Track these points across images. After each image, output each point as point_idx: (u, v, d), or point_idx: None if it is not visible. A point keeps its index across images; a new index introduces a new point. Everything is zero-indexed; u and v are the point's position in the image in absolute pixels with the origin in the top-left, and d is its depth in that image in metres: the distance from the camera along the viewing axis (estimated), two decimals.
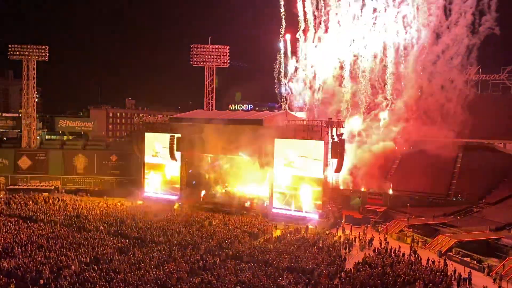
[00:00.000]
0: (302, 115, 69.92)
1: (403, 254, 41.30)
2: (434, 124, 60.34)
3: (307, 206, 54.84)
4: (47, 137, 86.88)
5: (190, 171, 66.35)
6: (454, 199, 59.03)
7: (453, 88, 60.38)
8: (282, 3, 71.42)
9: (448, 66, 61.69)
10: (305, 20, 70.18)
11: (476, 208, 54.95)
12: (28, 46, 75.63)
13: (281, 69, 73.80)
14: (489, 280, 36.70)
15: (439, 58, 61.76)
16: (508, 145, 68.22)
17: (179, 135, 64.57)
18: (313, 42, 70.15)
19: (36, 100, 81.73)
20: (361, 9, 65.96)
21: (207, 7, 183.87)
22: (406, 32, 63.76)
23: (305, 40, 70.73)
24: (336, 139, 54.06)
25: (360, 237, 47.53)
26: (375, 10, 65.10)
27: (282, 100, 74.66)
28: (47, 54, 76.32)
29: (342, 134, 54.20)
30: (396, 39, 64.49)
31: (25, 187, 70.68)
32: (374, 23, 65.41)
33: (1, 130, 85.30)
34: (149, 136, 68.21)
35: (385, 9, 64.49)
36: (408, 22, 63.59)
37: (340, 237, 48.17)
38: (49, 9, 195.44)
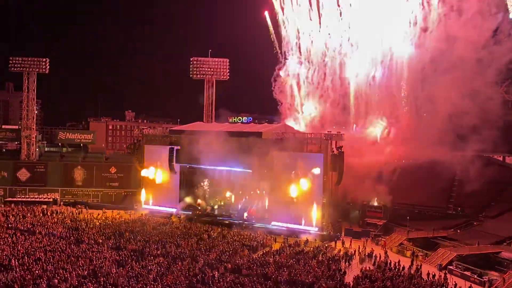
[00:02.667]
0: (301, 127, 70.19)
1: (403, 268, 41.07)
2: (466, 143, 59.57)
3: (307, 219, 54.63)
4: (46, 149, 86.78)
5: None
6: (454, 212, 58.85)
7: (489, 108, 58.94)
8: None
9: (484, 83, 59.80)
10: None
11: (476, 222, 54.78)
12: (29, 59, 75.94)
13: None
14: None
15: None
16: (508, 158, 68.25)
17: (179, 147, 64.61)
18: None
19: (36, 112, 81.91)
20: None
21: (207, 20, 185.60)
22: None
23: None
24: (335, 151, 54.11)
25: (360, 251, 47.30)
26: (425, 29, 63.92)
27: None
28: (48, 67, 76.64)
29: (342, 147, 54.25)
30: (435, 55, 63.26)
31: (24, 199, 70.37)
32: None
33: (0, 142, 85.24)
34: (148, 148, 68.24)
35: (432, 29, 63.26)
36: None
37: (339, 250, 47.93)
38: (50, 22, 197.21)
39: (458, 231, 51.95)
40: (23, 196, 72.17)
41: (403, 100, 66.08)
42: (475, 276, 39.71)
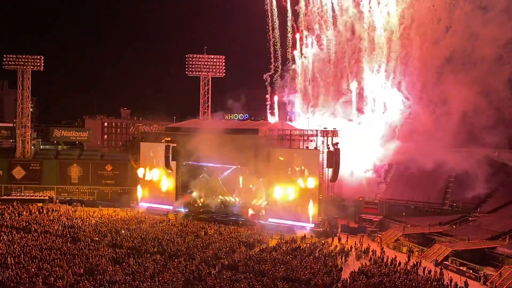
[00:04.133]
0: (297, 124, 70.12)
1: (399, 264, 41.26)
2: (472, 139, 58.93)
3: (303, 216, 54.72)
4: (41, 147, 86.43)
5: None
6: (449, 208, 59.11)
7: (505, 107, 57.12)
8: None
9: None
10: None
11: (471, 217, 55.06)
12: (23, 56, 75.51)
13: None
14: None
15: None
16: (502, 154, 68.47)
17: (175, 144, 64.49)
18: None
19: (31, 110, 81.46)
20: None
21: (202, 17, 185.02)
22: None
23: None
24: (331, 148, 54.21)
25: (356, 247, 47.46)
26: (448, 27, 62.93)
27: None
28: (42, 64, 76.21)
29: (338, 143, 54.33)
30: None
31: (19, 197, 70.04)
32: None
33: None
34: (144, 146, 68.08)
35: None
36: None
37: (336, 246, 48.07)
38: (44, 19, 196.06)
39: (454, 226, 52.19)
40: (18, 194, 71.87)
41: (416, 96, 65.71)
42: (471, 272, 39.95)
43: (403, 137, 64.63)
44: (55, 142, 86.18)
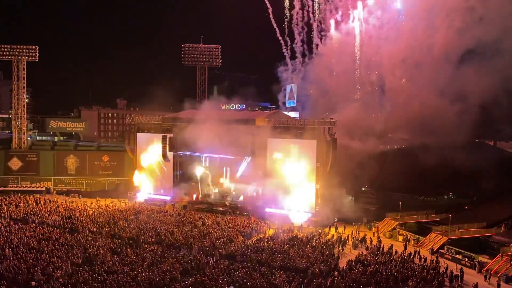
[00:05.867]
0: (294, 114, 70.08)
1: (396, 252, 41.59)
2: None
3: (300, 205, 54.92)
4: (38, 138, 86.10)
5: (180, 171, 65.41)
6: (446, 197, 59.35)
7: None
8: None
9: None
10: None
11: (467, 206, 55.35)
12: (18, 46, 74.81)
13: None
14: (480, 277, 37.11)
15: None
16: (498, 143, 68.67)
17: (172, 135, 64.37)
18: None
19: (27, 100, 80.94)
20: None
21: (198, 7, 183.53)
22: None
23: None
24: (328, 138, 54.24)
25: (353, 236, 47.75)
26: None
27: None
28: (37, 54, 75.60)
29: (335, 133, 54.36)
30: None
31: (16, 188, 70.00)
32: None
33: None
34: (141, 137, 67.93)
35: None
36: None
37: (333, 235, 48.34)
38: (39, 9, 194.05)
39: (450, 215, 52.50)
40: (15, 185, 71.77)
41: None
42: (466, 260, 40.34)
43: (414, 127, 64.32)
44: (51, 133, 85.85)
